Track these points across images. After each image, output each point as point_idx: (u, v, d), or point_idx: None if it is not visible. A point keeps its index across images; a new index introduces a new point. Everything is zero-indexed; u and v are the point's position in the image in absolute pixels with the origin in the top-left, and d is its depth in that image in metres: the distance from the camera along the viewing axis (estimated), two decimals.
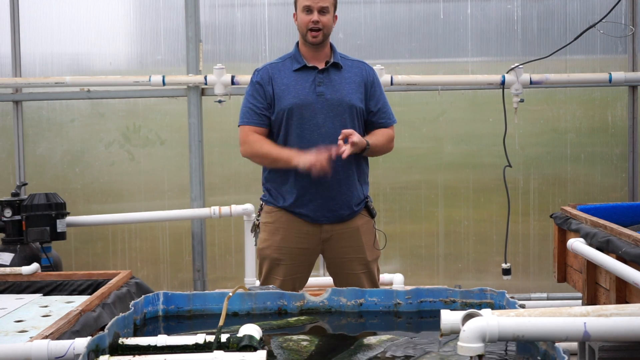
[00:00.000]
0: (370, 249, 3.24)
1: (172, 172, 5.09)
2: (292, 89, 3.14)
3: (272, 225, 3.21)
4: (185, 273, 5.11)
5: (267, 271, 3.22)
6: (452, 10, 5.05)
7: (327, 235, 3.19)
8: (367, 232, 3.24)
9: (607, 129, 5.11)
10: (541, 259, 5.07)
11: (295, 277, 3.20)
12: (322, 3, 3.09)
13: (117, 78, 4.90)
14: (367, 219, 3.25)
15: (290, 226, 3.18)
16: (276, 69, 3.19)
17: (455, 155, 5.10)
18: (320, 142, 3.09)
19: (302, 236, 3.18)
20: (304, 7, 3.11)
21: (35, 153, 5.09)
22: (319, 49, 3.16)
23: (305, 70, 3.16)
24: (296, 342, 2.10)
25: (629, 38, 5.01)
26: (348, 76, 3.18)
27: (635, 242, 3.21)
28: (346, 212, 3.17)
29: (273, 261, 3.19)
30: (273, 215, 3.22)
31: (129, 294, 3.10)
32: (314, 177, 3.04)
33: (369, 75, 3.24)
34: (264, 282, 3.23)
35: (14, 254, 4.22)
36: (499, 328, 1.77)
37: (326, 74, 3.15)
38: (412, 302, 2.37)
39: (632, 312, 2.01)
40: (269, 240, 3.21)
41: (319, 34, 3.11)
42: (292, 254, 3.18)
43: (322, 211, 3.15)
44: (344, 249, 3.20)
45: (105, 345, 1.87)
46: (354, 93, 3.16)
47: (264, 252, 3.23)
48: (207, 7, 5.02)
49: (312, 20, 3.09)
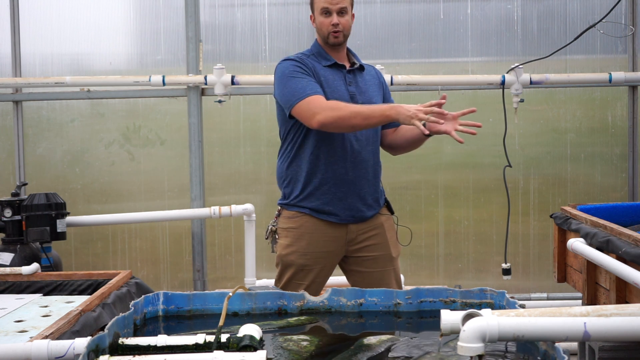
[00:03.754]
0: (394, 245, 3.20)
1: (172, 172, 5.09)
2: (331, 83, 3.06)
3: (296, 231, 3.11)
4: (185, 273, 5.11)
5: (290, 277, 3.12)
6: (452, 10, 5.05)
7: (353, 236, 3.13)
8: (390, 229, 3.20)
9: (607, 129, 5.11)
10: (541, 259, 5.07)
11: (319, 282, 3.13)
12: (341, 4, 3.05)
13: (117, 78, 4.90)
14: (387, 215, 3.22)
15: (317, 230, 3.10)
16: (310, 61, 3.08)
17: (455, 155, 5.10)
18: (351, 143, 3.06)
19: (328, 240, 3.11)
20: (322, 9, 3.06)
21: (35, 153, 5.09)
22: (340, 49, 3.14)
23: (336, 67, 3.11)
24: (296, 342, 2.10)
25: (629, 38, 5.01)
26: (369, 78, 3.17)
27: (635, 242, 3.21)
28: (371, 212, 3.14)
29: (299, 267, 3.10)
30: (297, 220, 3.12)
31: (129, 294, 3.10)
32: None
33: (382, 77, 3.27)
34: (285, 289, 3.11)
35: (14, 254, 4.22)
36: (499, 328, 1.77)
37: (353, 74, 3.13)
38: (412, 302, 2.37)
39: (632, 312, 2.01)
40: (293, 245, 3.11)
41: (340, 34, 3.08)
42: (318, 258, 3.10)
43: (351, 211, 3.10)
44: (370, 247, 3.15)
45: (105, 345, 1.87)
46: (377, 95, 3.14)
47: (287, 258, 3.12)
48: (207, 7, 5.02)
49: (332, 23, 3.06)
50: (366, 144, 3.11)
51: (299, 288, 3.05)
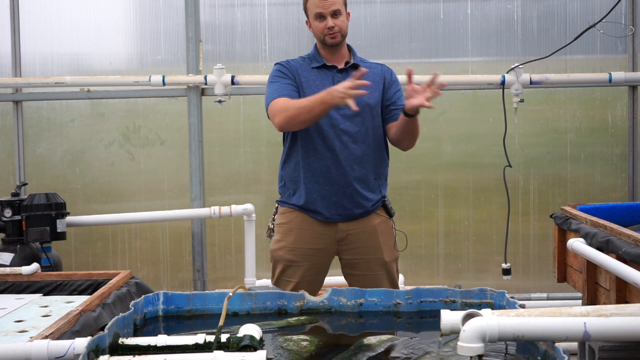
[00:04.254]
0: (389, 249, 3.17)
1: (172, 172, 5.09)
2: (312, 84, 3.11)
3: (285, 226, 3.15)
4: (185, 273, 5.11)
5: (280, 273, 3.14)
6: (452, 10, 5.05)
7: (343, 235, 3.13)
8: (384, 232, 3.17)
9: (607, 129, 5.11)
10: (541, 259, 5.07)
11: (310, 280, 3.12)
12: (333, 7, 3.07)
13: (117, 78, 4.90)
14: (384, 218, 3.18)
15: (304, 226, 3.12)
16: (297, 64, 3.17)
17: (455, 155, 5.10)
18: (338, 140, 3.08)
19: (316, 236, 3.12)
20: (316, 14, 3.09)
21: (35, 153, 5.09)
22: (337, 50, 3.15)
23: (324, 69, 3.15)
24: (296, 342, 2.10)
25: (629, 38, 5.01)
26: (367, 77, 3.16)
27: (635, 242, 3.21)
28: (360, 211, 3.13)
29: (287, 263, 3.12)
30: (287, 215, 3.16)
31: (129, 294, 3.10)
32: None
33: (388, 74, 3.23)
34: (276, 285, 3.15)
35: (14, 254, 4.21)
36: (499, 328, 1.77)
37: (345, 73, 3.14)
38: (412, 302, 2.37)
39: (632, 312, 2.01)
40: (282, 241, 3.15)
41: (337, 34, 3.10)
42: (306, 255, 3.12)
43: (335, 209, 3.10)
44: (361, 249, 3.14)
45: (105, 345, 1.87)
46: (371, 93, 3.13)
47: (276, 253, 3.16)
48: (207, 7, 5.02)
49: (327, 27, 3.08)
50: (354, 141, 3.09)
51: (288, 285, 3.09)
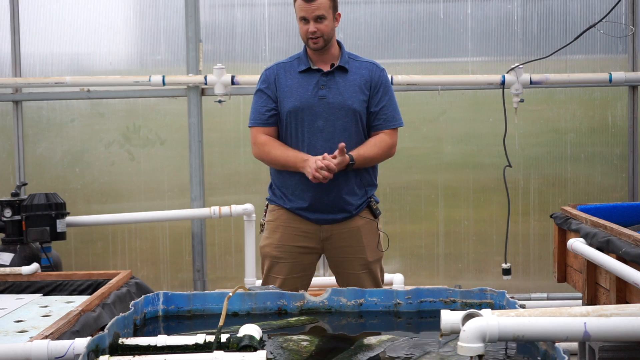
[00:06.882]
0: (372, 250, 3.22)
1: (172, 172, 5.09)
2: (294, 91, 3.15)
3: (272, 224, 3.24)
4: (185, 273, 5.11)
5: (268, 270, 3.23)
6: (452, 10, 5.05)
7: (327, 235, 3.19)
8: (368, 233, 3.21)
9: (607, 129, 5.11)
10: (541, 259, 5.07)
11: (297, 277, 3.19)
12: (317, 12, 3.08)
13: (117, 78, 4.90)
14: (368, 219, 3.22)
15: (290, 224, 3.20)
16: (282, 70, 3.21)
17: (455, 155, 5.10)
18: (322, 145, 3.10)
19: (301, 234, 3.19)
20: (300, 17, 3.13)
21: (35, 153, 5.09)
22: (324, 52, 3.17)
23: (309, 72, 3.17)
24: (296, 342, 2.10)
25: (629, 38, 5.01)
26: (353, 79, 3.17)
27: (635, 242, 3.21)
28: (343, 215, 3.17)
29: (273, 259, 3.21)
30: (274, 213, 3.24)
31: (129, 294, 3.10)
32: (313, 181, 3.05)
33: (375, 76, 3.19)
34: (264, 281, 3.24)
35: (14, 254, 4.22)
36: (499, 328, 1.77)
37: (330, 76, 3.15)
38: (412, 302, 2.37)
39: (632, 312, 2.01)
40: (269, 238, 3.24)
41: (319, 39, 3.12)
42: (291, 252, 3.19)
43: (320, 214, 3.16)
44: (344, 249, 3.20)
45: (105, 345, 1.87)
46: (356, 96, 3.14)
47: (264, 250, 3.26)
48: (207, 7, 5.02)
49: (309, 31, 3.10)
50: (334, 149, 3.06)
51: (276, 281, 3.16)
